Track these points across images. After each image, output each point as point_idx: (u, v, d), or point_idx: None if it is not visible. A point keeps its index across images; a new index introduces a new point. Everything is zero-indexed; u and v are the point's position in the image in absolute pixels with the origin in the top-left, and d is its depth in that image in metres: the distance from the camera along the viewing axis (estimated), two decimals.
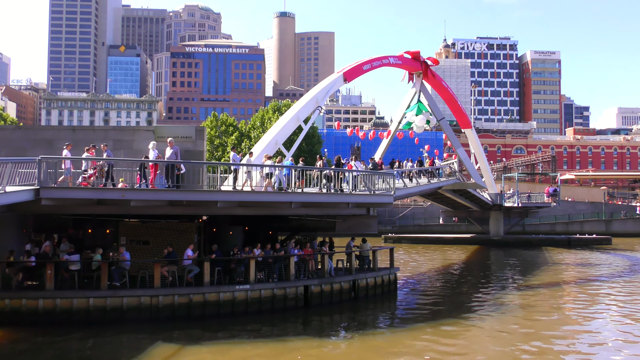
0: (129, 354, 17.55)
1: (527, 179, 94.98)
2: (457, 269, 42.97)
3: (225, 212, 24.46)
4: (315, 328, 22.19)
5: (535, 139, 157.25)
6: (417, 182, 40.20)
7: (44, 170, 19.98)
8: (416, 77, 48.52)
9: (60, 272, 22.13)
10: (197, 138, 26.34)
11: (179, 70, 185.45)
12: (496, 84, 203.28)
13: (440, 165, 46.61)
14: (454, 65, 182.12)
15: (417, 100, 47.50)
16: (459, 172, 50.50)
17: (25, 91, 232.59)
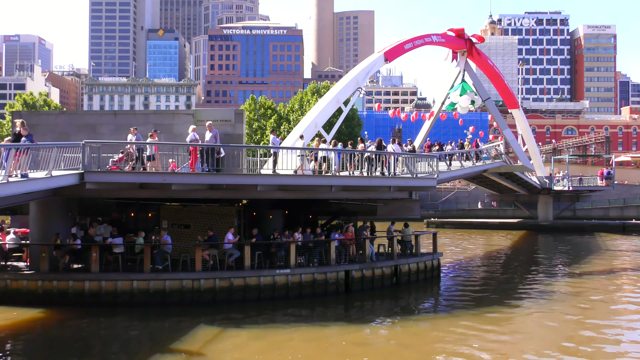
0: (172, 336, 18.11)
1: (579, 162, 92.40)
2: (502, 255, 42.45)
3: (265, 196, 24.80)
4: (356, 313, 22.40)
5: (588, 119, 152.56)
6: (461, 164, 39.75)
7: (87, 154, 20.68)
8: (460, 55, 47.71)
9: (105, 255, 22.93)
10: (236, 121, 26.68)
11: (217, 53, 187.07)
12: (545, 62, 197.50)
13: (485, 148, 45.90)
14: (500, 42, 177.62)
15: (461, 80, 46.73)
16: (506, 154, 49.64)
17: (67, 77, 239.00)
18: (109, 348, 17.00)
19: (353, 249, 26.51)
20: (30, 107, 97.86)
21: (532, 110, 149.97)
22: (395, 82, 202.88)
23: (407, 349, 17.08)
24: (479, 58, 49.17)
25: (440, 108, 49.33)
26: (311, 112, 34.09)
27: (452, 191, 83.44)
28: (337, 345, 17.60)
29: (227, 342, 17.49)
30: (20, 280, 22.06)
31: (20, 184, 17.22)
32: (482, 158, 43.95)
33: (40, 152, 18.42)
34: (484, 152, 45.16)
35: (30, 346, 17.53)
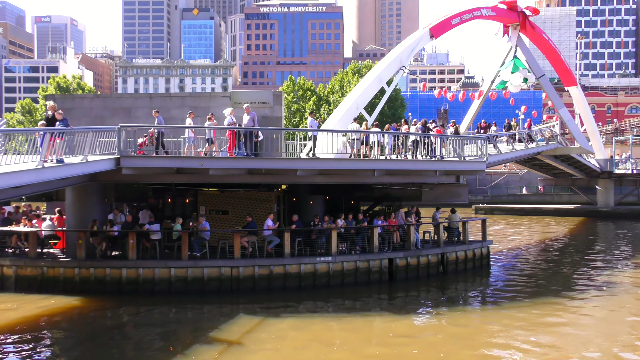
0: (210, 325, 18.47)
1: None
2: (557, 243, 41.61)
3: (305, 181, 24.89)
4: (400, 303, 22.38)
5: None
6: (513, 147, 39.03)
7: (123, 139, 21.13)
8: (512, 30, 46.61)
9: (142, 242, 23.47)
10: (274, 103, 26.80)
11: (254, 32, 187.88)
12: (607, 34, 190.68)
13: (539, 129, 44.91)
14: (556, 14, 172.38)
15: (512, 56, 45.67)
16: (561, 135, 48.49)
17: (101, 59, 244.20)
18: (147, 337, 17.46)
19: (397, 236, 26.43)
20: (63, 90, 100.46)
21: (591, 87, 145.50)
22: (441, 60, 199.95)
23: (455, 341, 16.98)
24: (532, 32, 47.93)
25: (490, 87, 48.42)
26: (352, 93, 33.95)
27: (502, 175, 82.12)
28: (381, 335, 17.64)
29: (267, 332, 17.73)
30: (56, 267, 22.78)
31: (56, 170, 17.71)
32: (535, 140, 43.03)
33: (75, 137, 18.87)
34: (537, 133, 44.19)
35: (67, 335, 18.14)
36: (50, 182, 18.56)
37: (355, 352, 15.95)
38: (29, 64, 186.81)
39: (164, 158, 22.09)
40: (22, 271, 23.00)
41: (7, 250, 24.72)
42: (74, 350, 16.50)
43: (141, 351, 16.02)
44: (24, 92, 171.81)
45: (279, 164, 23.34)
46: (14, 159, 16.37)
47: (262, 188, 27.47)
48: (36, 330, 17.89)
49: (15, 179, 15.96)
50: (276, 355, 15.63)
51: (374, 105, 44.75)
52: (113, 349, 16.34)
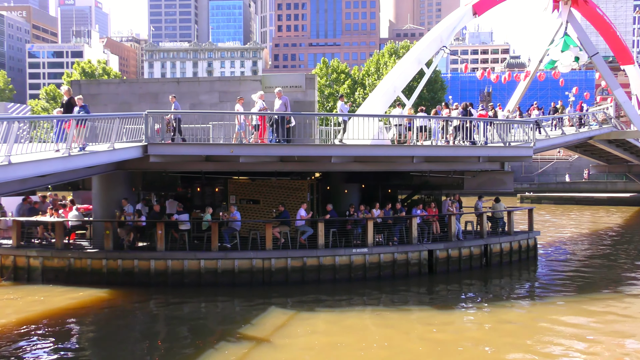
0: (241, 319, 18.67)
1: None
2: (610, 235, 40.78)
3: (340, 168, 24.88)
4: (441, 297, 22.27)
5: None
6: (562, 131, 38.30)
7: (150, 125, 21.40)
8: (563, 4, 45.55)
9: (170, 232, 23.81)
10: (307, 87, 26.78)
11: (285, 12, 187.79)
12: None
13: (591, 111, 43.96)
14: None
15: (563, 33, 44.67)
16: (616, 118, 47.40)
17: (126, 43, 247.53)
18: (176, 331, 17.74)
19: (437, 226, 26.26)
20: (88, 76, 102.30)
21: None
22: (484, 40, 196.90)
23: (500, 338, 16.81)
24: (585, 7, 46.76)
25: (538, 67, 47.53)
26: (389, 76, 33.71)
27: (550, 162, 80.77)
28: (421, 331, 17.56)
29: (300, 327, 17.84)
30: (84, 259, 23.28)
31: (82, 158, 18.04)
32: (587, 123, 42.13)
33: (96, 123, 19.12)
34: (590, 116, 43.26)
35: (95, 328, 18.54)
36: (76, 170, 18.93)
37: (394, 348, 15.95)
38: (53, 48, 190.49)
39: (193, 145, 22.32)
40: (49, 262, 23.58)
41: (33, 241, 25.36)
42: (101, 345, 16.86)
43: (170, 345, 16.28)
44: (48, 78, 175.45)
45: (312, 150, 23.36)
46: (39, 147, 16.73)
47: (294, 176, 27.55)
48: (63, 323, 18.33)
49: (41, 167, 16.30)
50: (310, 352, 15.71)
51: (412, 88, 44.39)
52: (142, 343, 16.67)
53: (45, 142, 17.64)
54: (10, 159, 14.63)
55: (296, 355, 15.46)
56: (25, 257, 23.86)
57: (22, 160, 15.39)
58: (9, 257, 24.11)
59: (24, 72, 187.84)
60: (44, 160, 16.28)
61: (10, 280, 23.68)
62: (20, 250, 24.04)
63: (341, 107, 26.16)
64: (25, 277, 23.73)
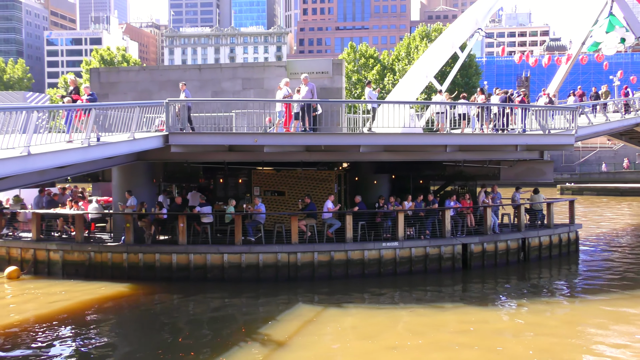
0: (267, 316, 18.76)
1: None
2: None
3: (369, 158, 24.84)
4: (475, 294, 22.12)
5: None
6: (607, 118, 37.62)
7: (172, 114, 21.58)
8: None
9: (193, 225, 24.02)
10: (334, 73, 26.74)
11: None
12: None
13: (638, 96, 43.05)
14: None
15: (608, 13, 43.78)
16: None
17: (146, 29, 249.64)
18: (199, 327, 17.89)
19: (472, 219, 26.08)
20: (107, 63, 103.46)
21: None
22: (522, 21, 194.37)
23: (541, 337, 16.64)
24: None
25: (580, 49, 46.78)
26: (420, 61, 33.54)
27: (593, 150, 79.56)
28: (456, 328, 17.48)
29: (328, 324, 17.87)
30: (104, 252, 23.64)
31: (102, 148, 18.29)
32: (634, 109, 41.30)
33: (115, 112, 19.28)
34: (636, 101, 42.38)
35: (115, 324, 18.79)
36: (96, 161, 19.22)
37: (427, 347, 15.88)
38: (71, 35, 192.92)
39: (215, 134, 22.44)
40: (69, 256, 24.01)
41: (53, 234, 25.81)
42: (122, 341, 17.12)
43: (193, 342, 16.42)
44: (67, 66, 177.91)
45: (340, 139, 23.34)
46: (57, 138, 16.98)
47: (321, 167, 27.58)
48: (84, 319, 18.65)
49: (60, 158, 16.58)
50: (338, 350, 15.74)
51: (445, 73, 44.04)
52: (163, 340, 16.86)
53: (64, 132, 17.90)
54: (30, 149, 14.87)
55: (324, 354, 15.50)
56: (45, 250, 24.33)
57: (41, 150, 15.65)
58: (29, 250, 24.60)
59: (42, 61, 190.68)
60: (63, 150, 16.55)
61: (31, 274, 24.17)
62: (40, 244, 24.52)
63: (369, 94, 26.07)
64: (45, 271, 24.21)
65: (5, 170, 14.51)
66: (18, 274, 23.67)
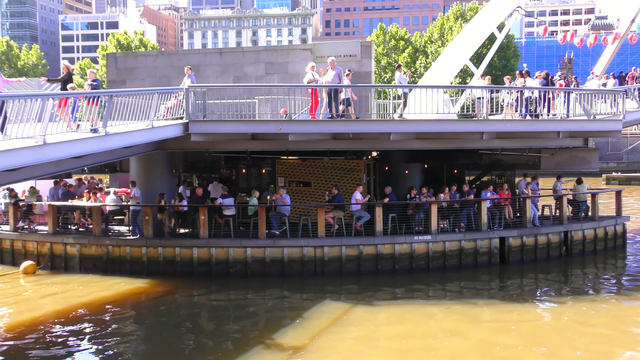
0: (292, 313, 18.88)
1: None
2: None
3: (400, 147, 24.76)
4: (514, 290, 21.98)
5: None
6: None
7: (192, 101, 21.71)
8: None
9: (214, 218, 24.20)
10: (363, 56, 26.69)
11: None
12: None
13: None
14: None
15: None
16: None
17: (164, 11, 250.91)
18: (221, 325, 18.06)
19: (510, 211, 25.90)
20: (124, 48, 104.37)
21: None
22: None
23: (582, 339, 16.49)
24: None
25: (629, 28, 45.89)
26: (454, 42, 33.29)
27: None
28: (492, 329, 17.40)
29: (357, 321, 17.89)
30: (122, 246, 23.94)
31: (120, 137, 18.45)
32: None
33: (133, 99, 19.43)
34: None
35: (134, 321, 19.04)
36: (114, 151, 19.44)
37: (462, 346, 15.83)
38: (87, 19, 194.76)
39: (237, 122, 22.56)
40: (86, 250, 24.36)
41: (70, 227, 26.20)
42: (141, 338, 17.37)
43: (215, 341, 16.59)
44: (83, 52, 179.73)
45: (369, 126, 23.30)
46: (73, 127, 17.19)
47: (349, 156, 27.57)
48: (102, 315, 18.90)
49: (77, 147, 16.76)
50: (368, 350, 15.76)
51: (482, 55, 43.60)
52: (184, 338, 17.04)
53: (80, 120, 18.07)
54: (45, 138, 15.05)
55: (353, 354, 15.53)
56: (62, 244, 24.70)
57: (58, 140, 15.84)
58: (46, 244, 25.00)
59: (57, 46, 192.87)
60: (79, 140, 16.72)
61: (47, 269, 24.59)
62: (56, 237, 24.89)
63: (399, 79, 25.96)
64: (62, 266, 24.60)
65: (21, 160, 14.70)
66: (34, 269, 24.11)
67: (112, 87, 28.41)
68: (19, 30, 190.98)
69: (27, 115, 14.72)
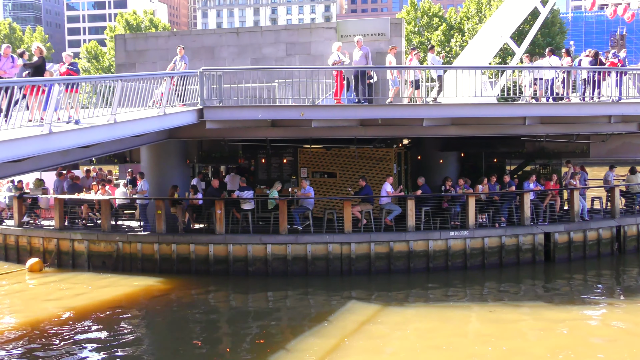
0: (316, 316, 18.88)
1: None
2: None
3: (434, 133, 24.64)
4: (560, 292, 21.78)
5: None
6: None
7: (207, 85, 21.76)
8: None
9: (231, 212, 24.27)
10: (392, 35, 26.58)
11: None
12: None
13: None
14: None
15: None
16: None
17: None
18: (239, 327, 18.12)
19: (556, 203, 25.67)
20: (134, 29, 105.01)
21: None
22: None
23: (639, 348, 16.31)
24: None
25: None
26: (493, 18, 33.12)
27: None
28: (537, 334, 17.28)
29: (387, 325, 17.85)
30: (133, 243, 24.13)
31: (130, 125, 18.52)
32: None
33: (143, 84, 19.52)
34: None
35: (147, 322, 19.23)
36: (123, 140, 19.59)
37: (510, 355, 15.70)
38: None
39: (256, 108, 22.58)
40: (95, 247, 24.62)
41: (77, 222, 26.44)
42: (154, 342, 17.51)
43: (233, 345, 16.68)
44: (89, 34, 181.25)
45: (400, 112, 23.17)
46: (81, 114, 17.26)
47: (378, 144, 27.49)
48: (112, 316, 19.08)
49: (85, 136, 16.80)
50: (400, 356, 15.74)
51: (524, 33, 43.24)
52: (201, 342, 17.13)
53: (86, 107, 18.18)
54: (52, 127, 15.07)
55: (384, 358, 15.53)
56: (69, 240, 24.99)
57: (64, 129, 15.92)
58: (52, 240, 25.31)
59: (62, 28, 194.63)
60: (87, 128, 16.72)
61: (54, 267, 24.91)
62: (63, 233, 25.19)
63: (432, 62, 25.79)
64: (69, 263, 24.91)
65: (25, 151, 14.73)
66: (41, 267, 24.42)
67: (122, 71, 28.64)
68: (22, 12, 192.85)
69: (31, 102, 14.79)
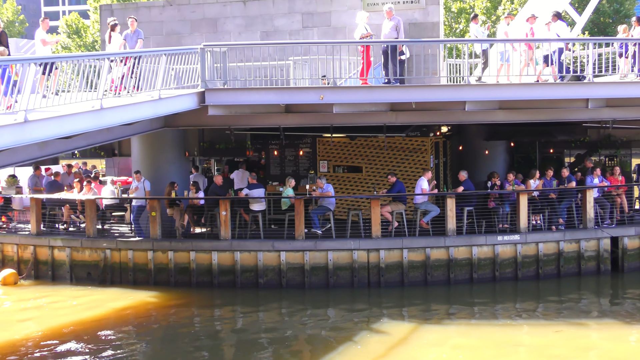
0: (339, 336, 18.79)
1: None
2: None
3: (478, 119, 24.57)
4: (630, 306, 21.70)
5: None
6: None
7: (209, 64, 21.83)
8: None
9: (239, 213, 24.37)
10: (428, 2, 26.49)
11: None
12: None
13: None
14: None
15: None
16: None
17: None
18: (248, 350, 18.16)
19: (624, 202, 25.57)
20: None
21: None
22: None
23: None
24: None
25: None
26: None
27: None
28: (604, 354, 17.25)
29: (424, 345, 17.86)
30: (123, 250, 24.27)
31: (119, 112, 18.52)
32: None
33: None
34: None
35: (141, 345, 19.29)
36: (111, 129, 19.66)
37: None
38: None
39: (267, 90, 22.65)
40: (78, 255, 24.76)
41: (57, 226, 26.58)
42: None
43: None
44: (69, 4, 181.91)
45: (437, 93, 23.12)
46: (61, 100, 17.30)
47: (411, 132, 27.47)
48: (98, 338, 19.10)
49: (66, 125, 16.78)
50: None
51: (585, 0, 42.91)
52: None
53: (68, 91, 18.21)
54: (27, 115, 14.92)
55: None
56: (48, 247, 25.09)
57: (41, 117, 15.90)
58: (28, 247, 25.47)
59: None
60: (68, 115, 16.67)
61: (31, 279, 25.04)
62: (41, 239, 25.32)
63: (476, 33, 25.70)
64: (49, 275, 25.04)
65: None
66: (15, 280, 24.48)
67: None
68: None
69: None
